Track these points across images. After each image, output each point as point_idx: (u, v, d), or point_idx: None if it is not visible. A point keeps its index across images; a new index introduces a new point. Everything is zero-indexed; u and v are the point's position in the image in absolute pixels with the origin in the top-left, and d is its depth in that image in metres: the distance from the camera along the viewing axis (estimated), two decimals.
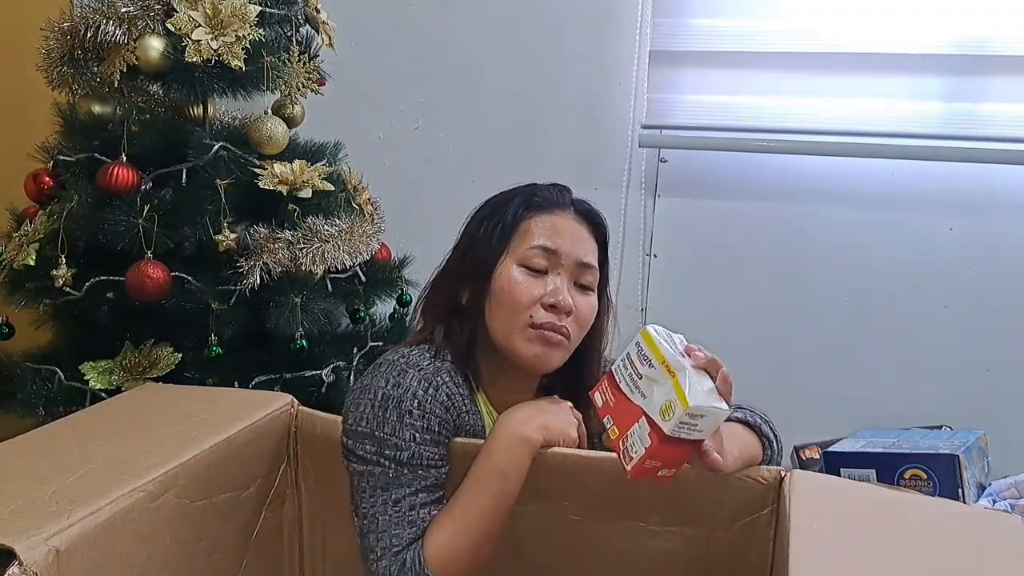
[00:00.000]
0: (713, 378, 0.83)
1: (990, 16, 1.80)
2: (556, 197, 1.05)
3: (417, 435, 0.93)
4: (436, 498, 0.95)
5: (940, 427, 1.78)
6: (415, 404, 0.94)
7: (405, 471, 0.93)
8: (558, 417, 0.98)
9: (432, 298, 1.07)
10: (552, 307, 0.98)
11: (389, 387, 0.95)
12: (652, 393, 0.82)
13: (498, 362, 1.02)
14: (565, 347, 1.01)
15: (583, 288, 1.03)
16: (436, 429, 0.95)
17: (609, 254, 1.10)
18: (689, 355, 0.83)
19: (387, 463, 0.93)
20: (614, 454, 0.87)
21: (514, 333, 0.99)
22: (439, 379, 0.97)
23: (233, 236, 1.42)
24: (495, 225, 1.02)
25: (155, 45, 1.40)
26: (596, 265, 1.04)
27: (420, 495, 0.93)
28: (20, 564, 0.67)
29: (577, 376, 1.06)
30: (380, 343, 1.66)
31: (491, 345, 1.02)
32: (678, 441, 0.80)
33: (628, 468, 0.83)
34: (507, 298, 0.99)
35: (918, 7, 1.83)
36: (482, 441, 0.98)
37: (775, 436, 1.02)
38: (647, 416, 0.82)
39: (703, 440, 0.82)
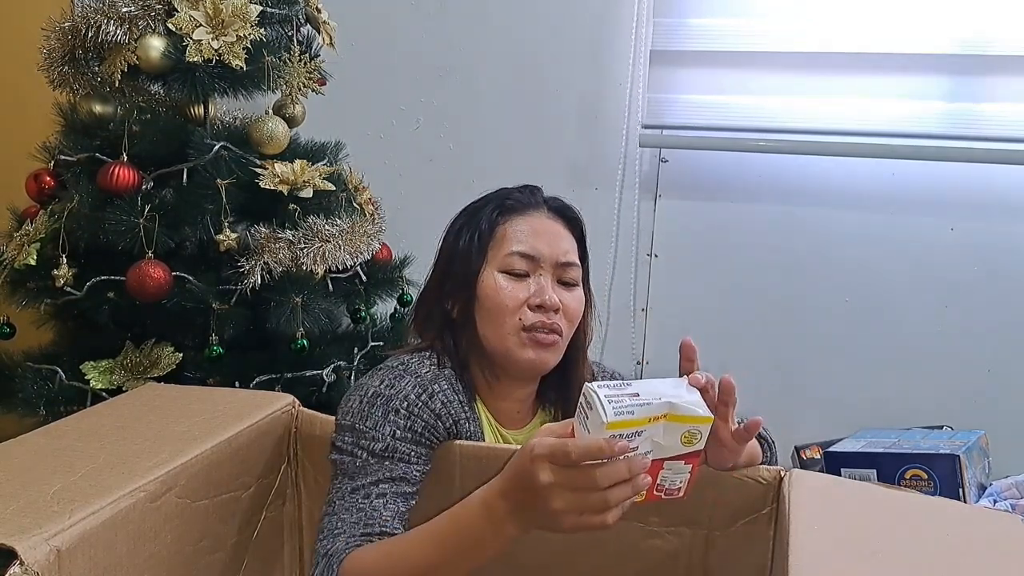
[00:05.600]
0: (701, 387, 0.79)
1: (991, 16, 1.80)
2: (528, 198, 1.05)
3: (398, 432, 0.93)
4: (398, 491, 0.92)
5: (941, 427, 1.78)
6: (404, 405, 0.94)
7: (372, 461, 0.92)
8: (545, 520, 0.74)
9: (423, 314, 1.08)
10: (539, 307, 0.99)
11: (382, 387, 0.96)
12: (659, 442, 0.77)
13: (493, 371, 1.03)
14: (559, 346, 1.01)
15: (567, 285, 1.03)
16: (419, 431, 0.94)
17: (607, 254, 1.10)
18: (689, 384, 0.79)
19: (360, 452, 0.93)
20: None
21: (507, 339, 0.99)
22: (435, 387, 0.97)
23: (234, 236, 1.43)
24: (472, 235, 1.03)
25: (156, 45, 1.40)
26: (577, 261, 1.04)
27: (381, 485, 0.91)
28: (21, 564, 0.67)
29: (567, 375, 1.07)
30: (381, 343, 1.66)
31: (485, 354, 1.02)
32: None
33: (683, 495, 0.82)
34: (493, 305, 0.99)
35: (919, 7, 1.83)
36: (482, 444, 0.98)
37: (771, 439, 1.02)
38: (671, 458, 0.78)
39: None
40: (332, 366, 1.53)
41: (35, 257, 1.40)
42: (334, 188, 1.53)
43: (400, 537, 0.87)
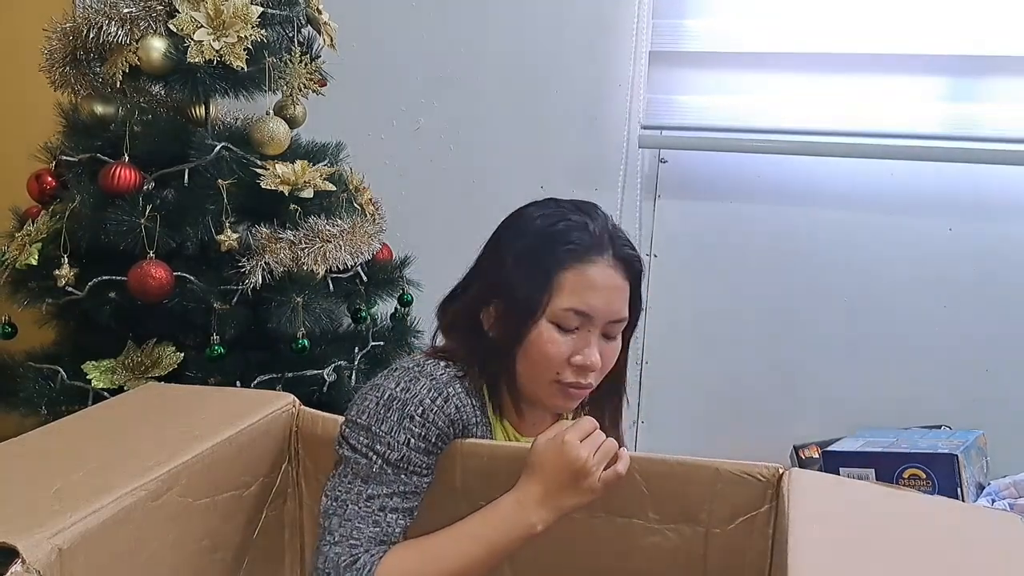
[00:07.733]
0: None
1: (991, 16, 1.80)
2: (599, 239, 0.98)
3: (412, 440, 0.93)
4: (409, 507, 0.94)
5: (939, 427, 1.78)
6: (419, 411, 0.94)
7: (389, 470, 0.93)
8: (577, 493, 0.92)
9: (465, 321, 1.04)
10: (580, 367, 0.98)
11: (398, 389, 0.95)
12: None
13: (519, 395, 1.03)
14: (585, 395, 1.03)
15: (609, 337, 1.01)
16: (433, 440, 0.95)
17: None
18: None
19: (375, 457, 0.93)
20: None
21: (538, 385, 1.00)
22: (450, 390, 0.97)
23: (235, 236, 1.43)
24: (536, 275, 0.97)
25: (157, 46, 1.41)
26: (626, 316, 1.01)
27: (395, 499, 0.93)
28: (23, 562, 0.67)
29: (598, 415, 1.05)
30: (381, 343, 1.67)
31: (515, 381, 1.02)
32: None
33: None
34: (538, 355, 0.97)
35: (919, 7, 1.83)
36: (487, 441, 0.99)
37: None
38: None
39: None
40: (333, 366, 1.53)
41: (37, 257, 1.40)
42: (335, 188, 1.54)
43: (429, 537, 0.92)
